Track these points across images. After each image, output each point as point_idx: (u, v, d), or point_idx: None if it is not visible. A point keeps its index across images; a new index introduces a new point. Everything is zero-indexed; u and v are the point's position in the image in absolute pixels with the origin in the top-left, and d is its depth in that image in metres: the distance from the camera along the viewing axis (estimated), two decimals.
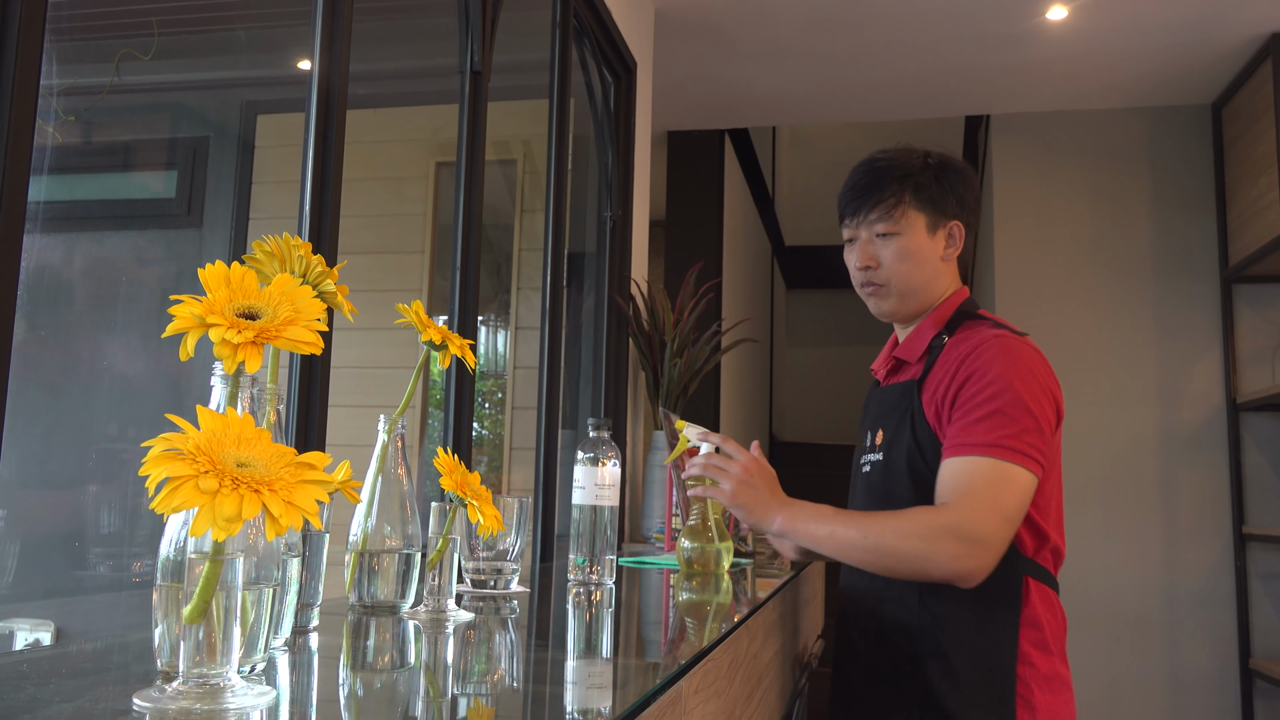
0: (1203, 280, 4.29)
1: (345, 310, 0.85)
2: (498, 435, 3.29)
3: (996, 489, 1.36)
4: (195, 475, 0.54)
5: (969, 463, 1.39)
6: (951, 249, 1.60)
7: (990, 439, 1.39)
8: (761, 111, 4.45)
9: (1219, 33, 3.58)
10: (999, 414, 1.39)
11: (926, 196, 1.56)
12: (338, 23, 1.56)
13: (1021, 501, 1.38)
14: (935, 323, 1.59)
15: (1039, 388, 1.43)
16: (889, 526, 1.38)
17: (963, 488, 1.38)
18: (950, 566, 1.34)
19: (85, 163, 2.92)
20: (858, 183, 1.61)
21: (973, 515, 1.35)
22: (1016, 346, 1.46)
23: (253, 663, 0.68)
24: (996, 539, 1.35)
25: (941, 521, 1.35)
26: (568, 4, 2.60)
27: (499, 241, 3.31)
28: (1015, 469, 1.37)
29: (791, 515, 1.45)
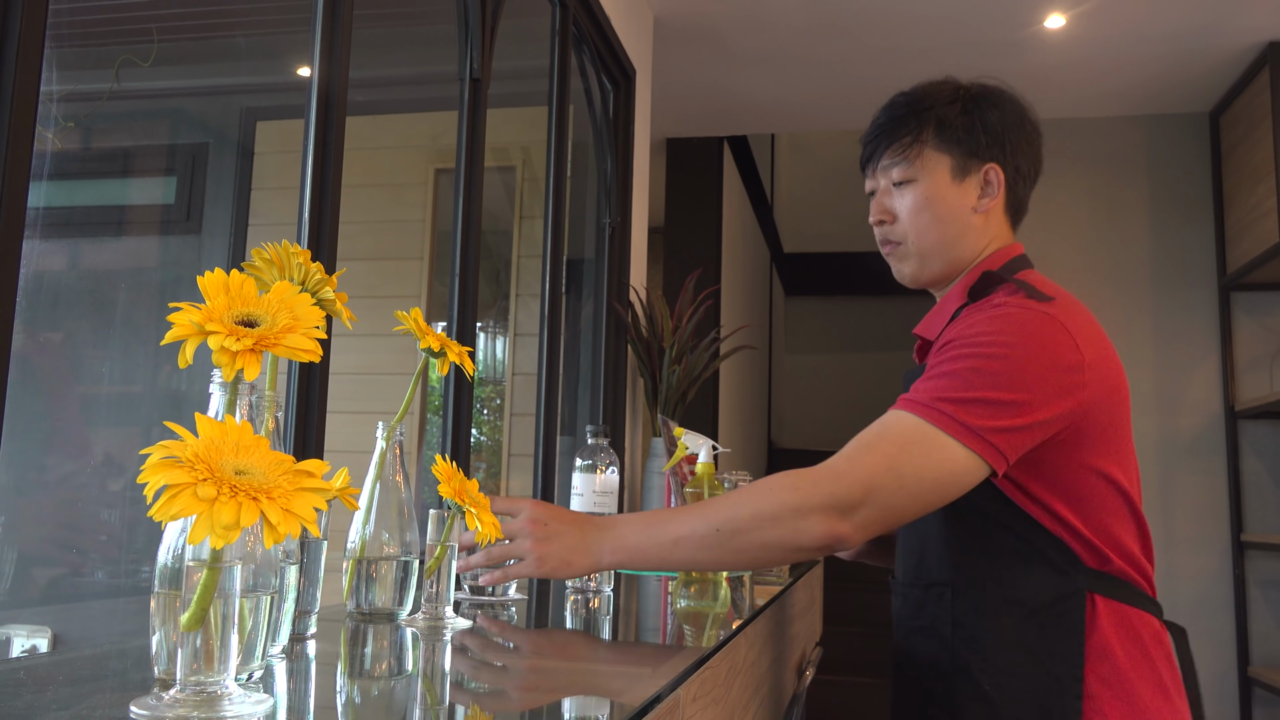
0: (1201, 287, 4.30)
1: (344, 318, 0.85)
2: (496, 442, 3.29)
3: (904, 447, 1.09)
4: (193, 483, 0.54)
5: (892, 416, 1.13)
6: (988, 198, 1.29)
7: (928, 398, 1.11)
8: (760, 118, 4.45)
9: (1217, 41, 3.59)
10: (960, 375, 1.11)
11: (951, 134, 1.28)
12: (337, 29, 1.56)
13: (937, 478, 1.08)
14: (962, 290, 1.29)
15: (1047, 370, 1.12)
16: (743, 497, 1.10)
17: (865, 437, 1.12)
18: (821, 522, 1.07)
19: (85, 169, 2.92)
20: (875, 123, 1.35)
21: (855, 466, 1.08)
22: (1039, 318, 1.16)
23: (250, 670, 0.68)
24: (877, 497, 1.07)
25: (816, 471, 1.09)
26: (567, 11, 2.61)
27: (498, 248, 3.31)
28: (943, 438, 1.08)
29: (618, 537, 1.12)
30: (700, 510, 1.12)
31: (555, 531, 1.12)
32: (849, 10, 3.38)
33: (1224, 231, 4.21)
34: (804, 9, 3.39)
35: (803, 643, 2.07)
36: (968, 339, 1.15)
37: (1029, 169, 1.33)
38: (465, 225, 2.00)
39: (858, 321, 6.87)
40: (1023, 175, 1.32)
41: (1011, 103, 1.33)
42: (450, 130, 2.07)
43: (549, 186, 2.57)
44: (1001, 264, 1.30)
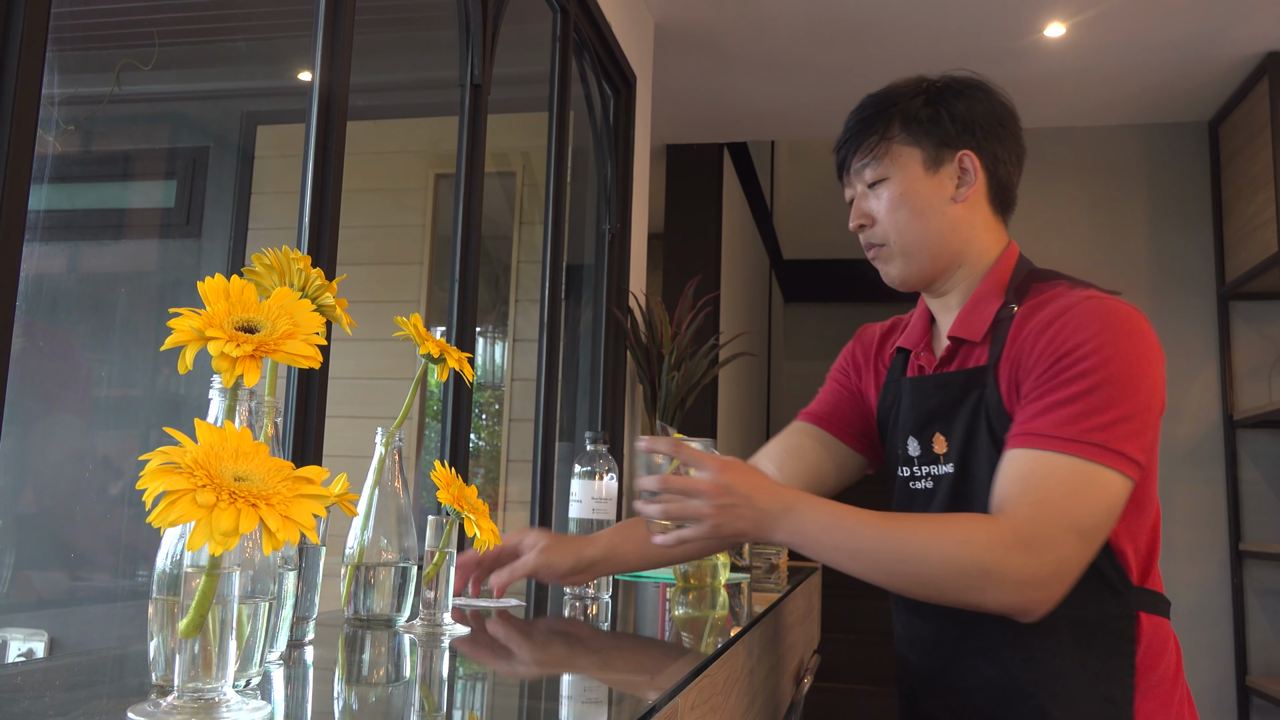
0: (1200, 296, 4.31)
1: (344, 324, 0.85)
2: (494, 447, 3.29)
3: (1079, 499, 1.04)
4: (193, 489, 0.54)
5: (1042, 460, 1.07)
6: (966, 187, 1.25)
7: (1074, 430, 1.06)
8: (760, 125, 4.46)
9: (1216, 51, 3.60)
10: (1091, 394, 1.07)
11: (918, 127, 1.25)
12: (339, 34, 1.56)
13: (1109, 517, 1.06)
14: (996, 290, 1.24)
15: (1148, 361, 1.10)
16: (934, 538, 1.05)
17: (1033, 494, 1.06)
18: (1014, 596, 1.03)
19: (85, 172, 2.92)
20: (845, 128, 1.32)
21: (1047, 531, 1.03)
22: (1117, 307, 1.13)
23: (248, 676, 0.68)
24: (1072, 565, 1.04)
25: (1005, 534, 1.04)
26: (568, 18, 2.62)
27: (498, 253, 3.31)
28: (1105, 472, 1.05)
29: (797, 524, 1.09)
30: (890, 533, 1.07)
31: (736, 500, 1.08)
32: (849, 18, 3.39)
33: (1223, 240, 4.22)
34: (805, 17, 3.39)
35: (800, 650, 2.07)
36: (1077, 350, 1.10)
37: (1008, 154, 1.28)
38: (465, 230, 2.01)
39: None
40: (1002, 161, 1.27)
41: (979, 89, 1.29)
42: (451, 135, 2.07)
43: (549, 192, 2.57)
44: (1015, 261, 1.27)
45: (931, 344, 1.32)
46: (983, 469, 1.16)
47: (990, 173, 1.26)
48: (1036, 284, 1.22)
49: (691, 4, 3.35)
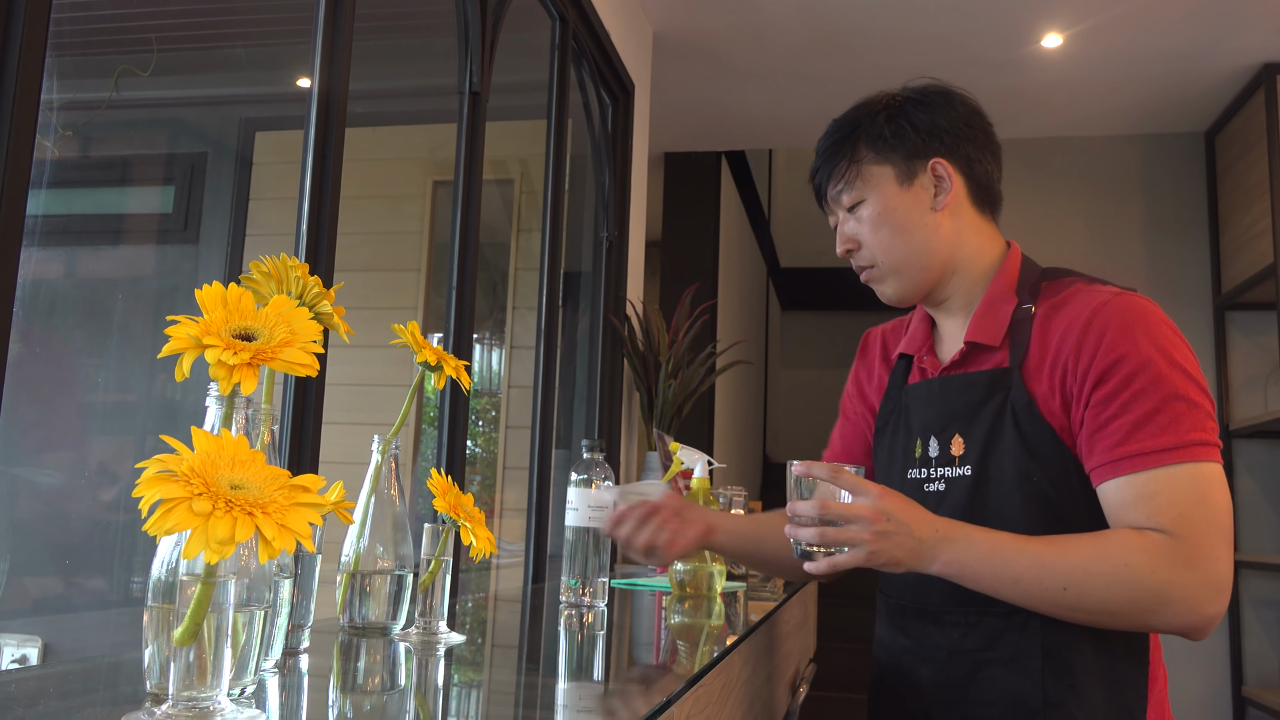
0: (1196, 306, 4.31)
1: (342, 331, 0.85)
2: (491, 454, 3.29)
3: (1209, 502, 1.06)
4: (189, 497, 0.54)
5: (1160, 477, 1.07)
6: (943, 194, 1.25)
7: (1174, 439, 1.07)
8: (758, 134, 4.47)
9: (1212, 62, 3.61)
10: (1173, 401, 1.08)
11: (883, 144, 1.25)
12: (338, 41, 1.56)
13: (1230, 507, 1.09)
14: (1006, 291, 1.24)
15: (1189, 350, 1.14)
16: (1097, 563, 1.05)
17: (1170, 510, 1.06)
18: (1188, 615, 1.04)
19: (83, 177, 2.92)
20: (816, 157, 1.33)
21: (1199, 543, 1.04)
22: (1146, 304, 1.15)
23: (243, 685, 0.68)
24: (1228, 572, 1.06)
25: (1165, 553, 1.04)
26: (567, 26, 2.62)
27: (495, 260, 3.31)
28: (1213, 468, 1.08)
29: (954, 553, 1.08)
30: (1050, 559, 1.07)
31: (895, 528, 1.08)
32: (847, 28, 3.40)
33: (1219, 251, 4.23)
34: (803, 26, 3.40)
35: (796, 659, 2.06)
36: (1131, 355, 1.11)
37: (980, 153, 1.27)
38: (463, 237, 2.01)
39: (854, 337, 6.83)
40: (976, 161, 1.27)
41: (939, 94, 1.28)
42: (449, 142, 2.07)
43: (547, 199, 2.57)
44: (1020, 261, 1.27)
45: (935, 348, 1.32)
46: (1005, 472, 1.16)
47: (967, 175, 1.26)
48: (1048, 283, 1.23)
49: (690, 13, 3.36)
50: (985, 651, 1.17)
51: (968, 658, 1.18)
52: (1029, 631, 1.12)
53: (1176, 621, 1.05)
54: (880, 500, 1.09)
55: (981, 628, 1.16)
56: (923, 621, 1.23)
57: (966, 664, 1.18)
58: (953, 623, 1.19)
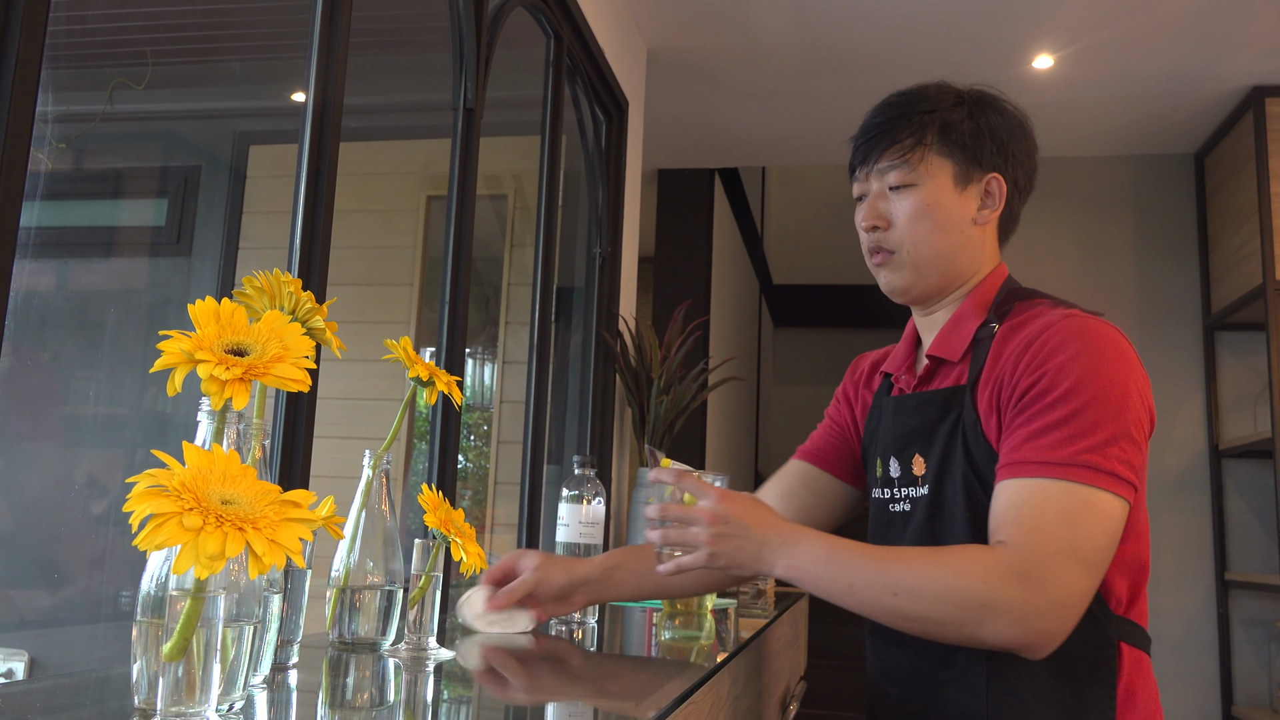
0: (1185, 327, 4.34)
1: (334, 347, 0.85)
2: (482, 469, 3.28)
3: (1076, 525, 1.01)
4: (179, 512, 0.54)
5: (1035, 487, 1.03)
6: (988, 210, 1.22)
7: (1065, 454, 1.03)
8: (751, 151, 4.49)
9: (1202, 84, 3.64)
10: (1077, 417, 1.04)
11: (956, 139, 1.21)
12: (333, 55, 1.57)
13: (1110, 541, 1.03)
14: (978, 308, 1.22)
15: (1131, 380, 1.07)
16: (929, 570, 1.02)
17: (1028, 522, 1.02)
18: (1015, 629, 0.99)
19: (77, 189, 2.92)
20: (870, 122, 1.27)
21: (1045, 560, 1.00)
22: (1097, 326, 1.11)
23: (231, 701, 0.68)
24: (1076, 595, 1.01)
25: (1002, 564, 1.00)
26: (562, 43, 2.63)
27: (488, 275, 3.32)
28: (1101, 495, 1.02)
29: (793, 557, 1.07)
30: (885, 566, 1.04)
31: (733, 530, 1.08)
32: (840, 48, 3.42)
33: (1208, 271, 4.25)
34: (796, 45, 3.42)
35: (787, 677, 2.06)
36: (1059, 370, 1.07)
37: (1025, 183, 1.27)
38: (456, 252, 2.01)
39: (846, 354, 6.86)
40: (1019, 189, 1.26)
41: (1014, 111, 1.27)
42: (443, 158, 2.07)
43: (540, 215, 2.58)
44: (1003, 280, 1.25)
45: (914, 365, 1.30)
46: (956, 492, 1.14)
47: (1008, 199, 1.24)
48: (1019, 303, 1.20)
49: (684, 31, 3.38)
50: (938, 671, 1.15)
51: (925, 678, 1.17)
52: (976, 653, 1.10)
53: (1005, 634, 1.00)
54: (719, 503, 1.09)
55: (934, 647, 1.13)
56: (887, 642, 1.22)
57: (923, 685, 1.17)
58: (909, 641, 1.16)
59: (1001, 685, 1.10)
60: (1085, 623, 1.07)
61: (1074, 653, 1.07)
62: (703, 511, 1.09)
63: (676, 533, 1.10)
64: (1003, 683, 1.10)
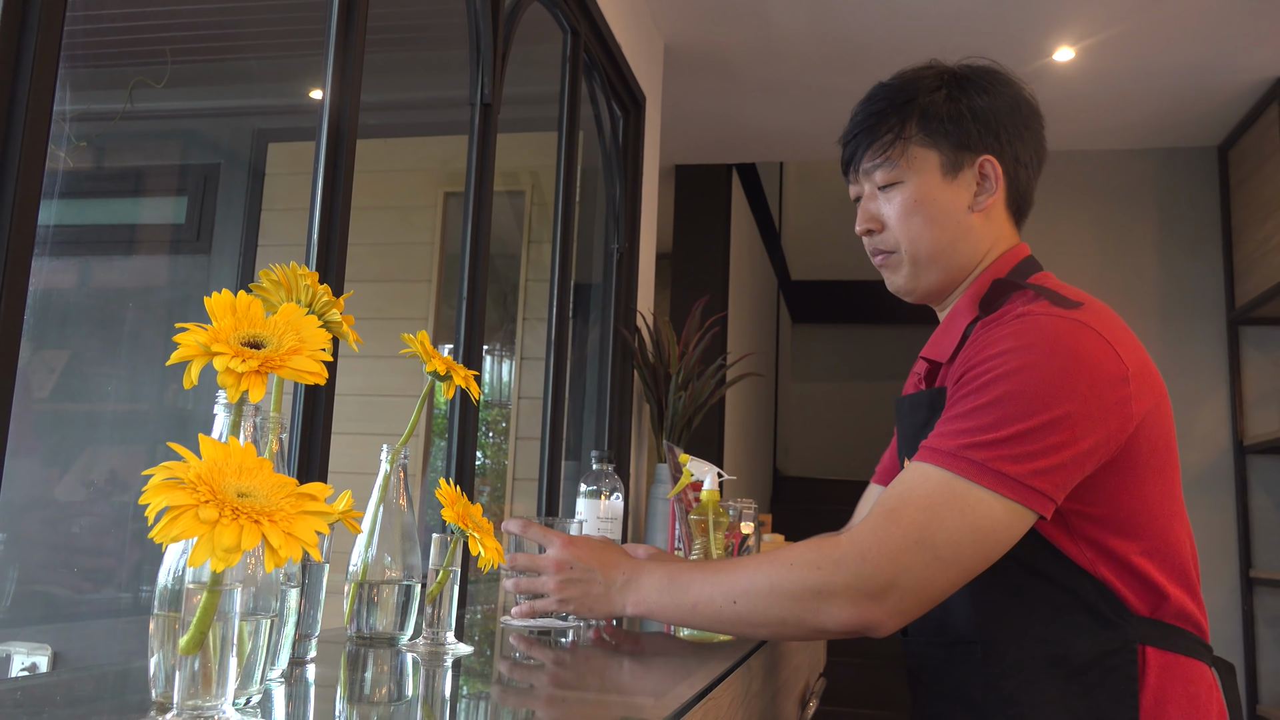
0: (1209, 321, 4.29)
1: (351, 340, 0.85)
2: (501, 465, 3.29)
3: (935, 514, 0.95)
4: (195, 505, 0.54)
5: (916, 471, 0.99)
6: (985, 195, 1.15)
7: (956, 444, 0.97)
8: (769, 147, 4.47)
9: (1225, 76, 3.60)
10: (985, 410, 0.97)
11: (937, 126, 1.14)
12: (350, 52, 1.57)
13: (975, 540, 0.95)
14: (972, 303, 1.15)
15: (1073, 384, 0.98)
16: (763, 569, 0.99)
17: (889, 504, 0.98)
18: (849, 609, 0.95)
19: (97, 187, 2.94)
20: (854, 121, 1.22)
21: (885, 541, 0.95)
22: (1049, 325, 1.02)
23: (248, 694, 0.68)
24: (911, 577, 0.94)
25: (832, 551, 0.96)
26: (578, 38, 2.63)
27: (506, 272, 3.32)
28: (980, 493, 0.94)
29: (639, 592, 1.05)
30: (721, 576, 1.01)
31: (579, 576, 1.10)
32: (858, 42, 3.40)
33: (1233, 265, 4.21)
34: (814, 40, 3.41)
35: (806, 673, 2.05)
36: (986, 362, 1.01)
37: (1030, 156, 1.18)
38: (473, 248, 2.01)
39: (865, 350, 6.87)
40: (1023, 164, 1.17)
41: (1004, 84, 1.18)
42: (460, 154, 2.07)
43: (557, 211, 2.57)
44: (1010, 268, 1.16)
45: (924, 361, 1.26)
46: None
47: (1010, 178, 1.17)
48: (1012, 295, 1.11)
49: (701, 25, 3.37)
50: (935, 685, 1.11)
51: (925, 692, 1.13)
52: (972, 664, 1.04)
53: (840, 617, 0.95)
54: (563, 549, 1.11)
55: (931, 660, 1.09)
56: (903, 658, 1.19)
57: (926, 699, 1.13)
58: (910, 654, 1.13)
59: (1000, 698, 1.05)
60: (1094, 627, 1.02)
61: (1085, 659, 1.01)
62: (548, 561, 1.12)
63: (526, 581, 1.13)
64: (1001, 694, 1.05)
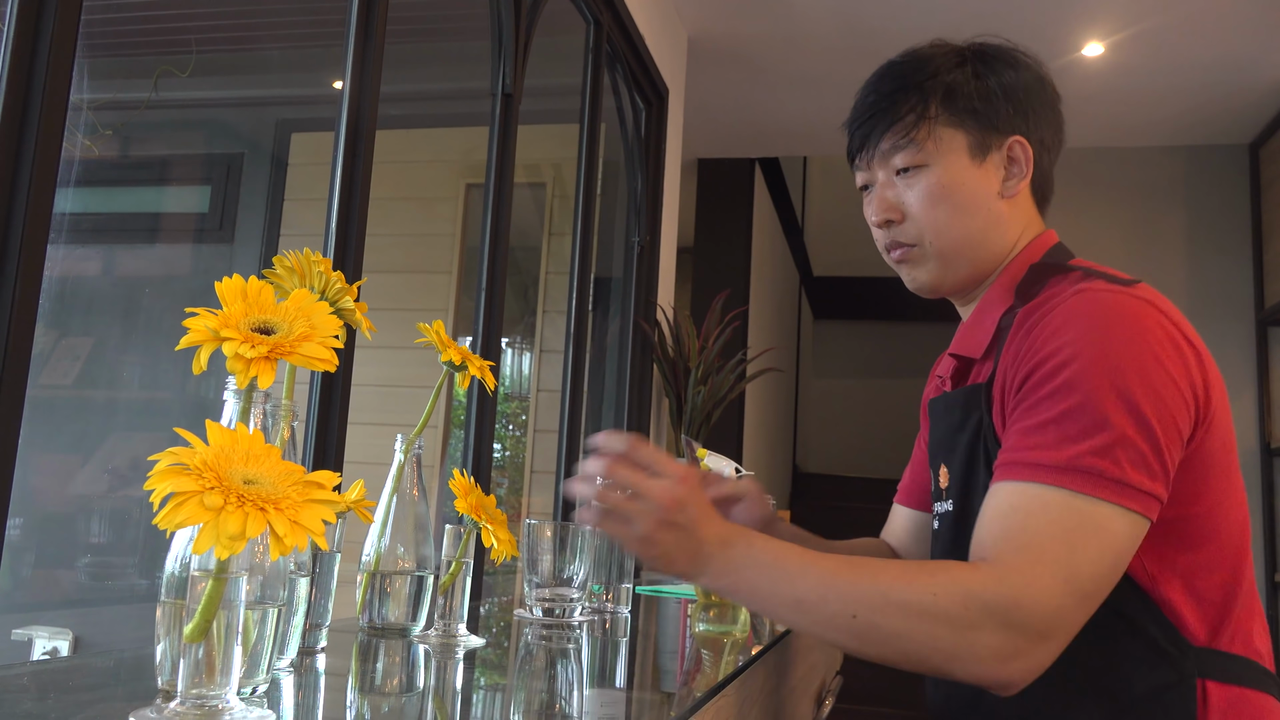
0: (1237, 321, 4.23)
1: (363, 328, 0.84)
2: (519, 457, 3.29)
3: (1074, 545, 0.83)
4: (200, 491, 0.53)
5: (1028, 494, 0.86)
6: (1015, 179, 1.06)
7: (1063, 456, 0.85)
8: (792, 141, 4.45)
9: (1258, 73, 3.55)
10: (1076, 413, 0.86)
11: (965, 105, 1.05)
12: (370, 44, 1.57)
13: (1114, 566, 0.85)
14: (1004, 293, 1.05)
15: (1152, 366, 0.88)
16: (894, 594, 0.84)
17: (1017, 537, 0.85)
18: (988, 668, 0.83)
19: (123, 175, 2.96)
20: (864, 101, 1.11)
21: (1031, 586, 0.82)
22: (1113, 301, 0.92)
23: (254, 684, 0.67)
24: (1062, 626, 0.83)
25: (981, 592, 0.83)
26: (601, 29, 2.62)
27: (526, 264, 3.31)
28: (1107, 510, 0.84)
29: (729, 561, 0.88)
30: (842, 579, 0.86)
31: (680, 522, 0.87)
32: (883, 35, 3.37)
33: (1262, 265, 4.15)
34: (839, 32, 3.38)
35: (822, 671, 2.04)
36: (1059, 353, 0.89)
37: (1053, 139, 1.10)
38: (493, 240, 2.00)
39: (886, 347, 6.82)
40: (1047, 148, 1.09)
41: (1027, 62, 1.10)
42: (482, 145, 2.07)
43: (578, 204, 2.56)
44: (1042, 255, 1.06)
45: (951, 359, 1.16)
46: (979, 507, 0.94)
47: (1036, 161, 1.08)
48: (1051, 279, 1.00)
49: (725, 18, 3.35)
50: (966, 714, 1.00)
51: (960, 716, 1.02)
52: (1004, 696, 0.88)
53: (977, 672, 0.83)
54: (679, 485, 0.88)
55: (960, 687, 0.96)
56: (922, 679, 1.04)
57: None
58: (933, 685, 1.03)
59: None
60: (1149, 658, 0.91)
61: (1136, 693, 0.90)
62: (660, 489, 0.87)
63: (622, 500, 0.88)
64: None
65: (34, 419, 2.32)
